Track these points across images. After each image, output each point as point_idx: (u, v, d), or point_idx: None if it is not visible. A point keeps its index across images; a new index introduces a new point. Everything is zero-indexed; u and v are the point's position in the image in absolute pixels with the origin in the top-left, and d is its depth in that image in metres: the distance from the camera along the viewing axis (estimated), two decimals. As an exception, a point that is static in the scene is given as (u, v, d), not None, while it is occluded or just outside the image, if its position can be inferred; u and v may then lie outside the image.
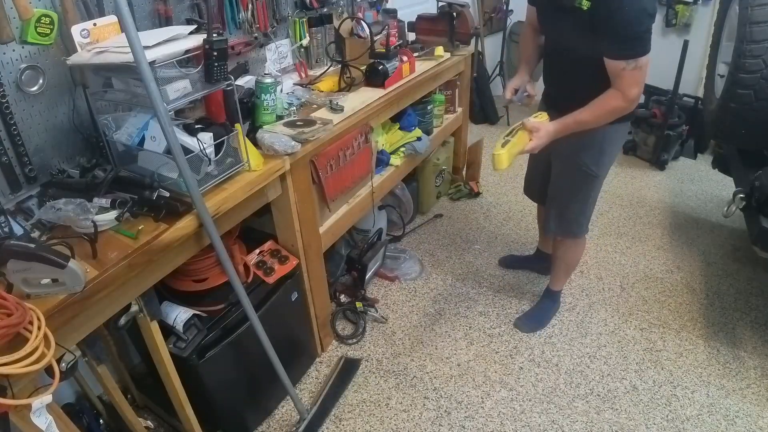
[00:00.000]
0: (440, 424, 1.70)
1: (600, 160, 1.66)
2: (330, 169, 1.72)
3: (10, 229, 1.07)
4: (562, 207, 1.81)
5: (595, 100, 1.45)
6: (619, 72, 1.37)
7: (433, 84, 2.37)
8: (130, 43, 0.96)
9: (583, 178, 1.70)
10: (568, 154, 1.69)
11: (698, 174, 3.30)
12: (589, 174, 1.68)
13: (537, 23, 1.68)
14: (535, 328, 2.06)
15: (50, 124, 1.31)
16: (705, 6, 3.34)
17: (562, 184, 1.79)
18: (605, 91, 1.43)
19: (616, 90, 1.41)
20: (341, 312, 2.15)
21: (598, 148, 1.63)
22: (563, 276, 2.07)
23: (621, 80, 1.38)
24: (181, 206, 1.19)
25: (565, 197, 1.79)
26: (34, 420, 0.89)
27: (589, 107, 1.46)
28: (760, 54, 1.75)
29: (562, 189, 1.80)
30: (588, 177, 1.69)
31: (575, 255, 1.98)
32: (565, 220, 1.82)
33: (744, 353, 1.93)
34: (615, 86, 1.41)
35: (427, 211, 2.90)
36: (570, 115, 1.48)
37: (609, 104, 1.43)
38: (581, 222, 1.82)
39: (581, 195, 1.76)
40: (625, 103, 1.42)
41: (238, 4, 1.77)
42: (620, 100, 1.41)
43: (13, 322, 0.84)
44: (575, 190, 1.75)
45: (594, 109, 1.45)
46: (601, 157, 1.65)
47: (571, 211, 1.80)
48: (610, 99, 1.43)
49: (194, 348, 1.37)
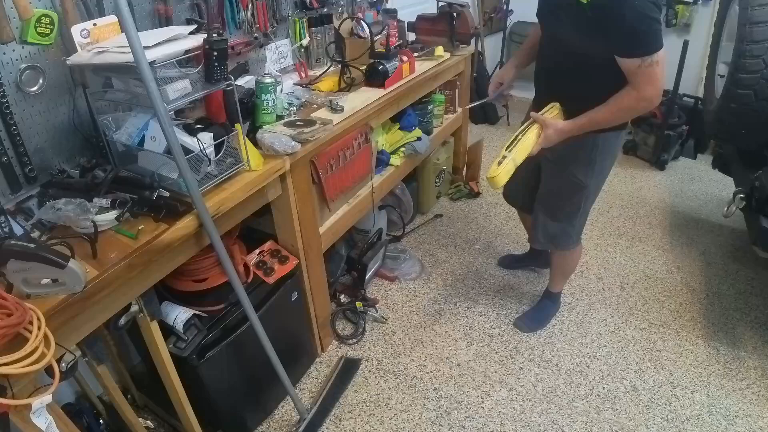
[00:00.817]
0: (440, 424, 1.70)
1: (589, 170, 1.59)
2: (330, 169, 1.72)
3: (10, 229, 1.07)
4: (549, 218, 1.74)
5: (611, 99, 1.38)
6: (634, 70, 1.30)
7: (433, 84, 2.37)
8: (130, 43, 0.96)
9: (571, 189, 1.64)
10: (556, 162, 1.63)
11: (698, 174, 3.30)
12: (577, 184, 1.61)
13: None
14: (536, 328, 2.05)
15: (50, 124, 1.31)
16: (705, 6, 3.34)
17: (550, 194, 1.72)
18: (621, 92, 1.37)
19: (631, 88, 1.34)
20: (341, 312, 2.15)
21: (588, 158, 1.57)
22: (561, 279, 2.06)
23: (636, 78, 1.31)
24: (181, 206, 1.19)
25: (552, 207, 1.72)
26: (34, 420, 0.89)
27: (605, 106, 1.39)
28: (760, 54, 1.76)
29: (549, 198, 1.73)
30: (576, 187, 1.63)
31: (571, 263, 1.95)
32: (552, 233, 1.76)
33: (744, 353, 1.93)
34: (631, 85, 1.34)
35: (427, 211, 2.90)
36: (584, 115, 1.42)
37: (623, 103, 1.37)
38: (570, 233, 1.75)
39: (569, 206, 1.69)
40: (642, 103, 1.35)
41: (238, 4, 1.77)
42: (635, 99, 1.35)
43: (13, 322, 0.84)
44: (563, 201, 1.69)
45: (609, 108, 1.39)
46: (590, 167, 1.59)
47: (558, 222, 1.73)
48: (625, 97, 1.36)
49: (194, 348, 1.37)
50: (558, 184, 1.67)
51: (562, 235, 1.76)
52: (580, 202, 1.68)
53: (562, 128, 1.44)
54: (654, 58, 1.27)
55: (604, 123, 1.43)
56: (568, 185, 1.64)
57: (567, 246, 1.80)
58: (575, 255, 1.92)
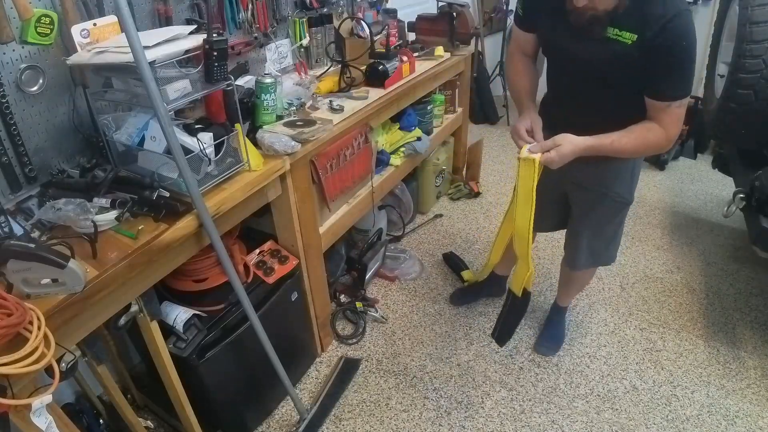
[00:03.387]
0: (440, 424, 1.70)
1: (632, 186, 1.53)
2: (330, 169, 1.72)
3: (10, 229, 1.07)
4: (594, 240, 1.66)
5: (636, 131, 1.27)
6: (663, 108, 1.23)
7: (433, 84, 2.37)
8: (130, 43, 0.96)
9: (618, 209, 1.57)
10: (597, 186, 1.52)
11: (698, 174, 3.30)
12: (623, 203, 1.55)
13: (531, 50, 1.51)
14: (559, 346, 1.98)
15: (50, 124, 1.31)
16: (705, 6, 3.34)
17: (593, 217, 1.61)
18: (646, 123, 1.27)
19: (658, 126, 1.25)
20: (341, 312, 2.15)
21: (630, 174, 1.50)
22: (574, 294, 2.01)
23: (665, 116, 1.24)
24: (181, 206, 1.19)
25: (597, 230, 1.64)
26: (34, 420, 0.89)
27: (630, 137, 1.28)
28: (760, 54, 1.75)
29: (592, 222, 1.63)
30: (622, 206, 1.56)
31: (592, 275, 1.91)
32: (596, 253, 1.70)
33: (744, 353, 1.93)
34: (657, 122, 1.26)
35: (427, 211, 2.90)
36: (607, 136, 1.28)
37: (650, 140, 1.27)
38: (612, 250, 1.71)
39: (614, 225, 1.63)
40: (665, 142, 1.28)
41: (238, 4, 1.77)
42: (663, 139, 1.26)
43: (13, 322, 0.84)
44: (608, 221, 1.62)
45: (635, 141, 1.28)
46: (633, 182, 1.52)
47: (604, 242, 1.67)
48: (653, 135, 1.26)
49: (194, 348, 1.36)
50: (602, 207, 1.57)
51: (605, 253, 1.71)
52: (624, 217, 1.63)
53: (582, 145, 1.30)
54: (686, 100, 1.22)
55: (625, 153, 1.32)
56: (613, 205, 1.56)
57: (610, 261, 1.74)
58: (594, 270, 1.86)
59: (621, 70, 1.24)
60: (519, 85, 1.52)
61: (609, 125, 1.29)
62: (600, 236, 1.65)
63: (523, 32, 1.48)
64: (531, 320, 2.11)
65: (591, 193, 1.55)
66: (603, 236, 1.65)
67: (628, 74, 1.24)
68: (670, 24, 1.12)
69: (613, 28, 1.19)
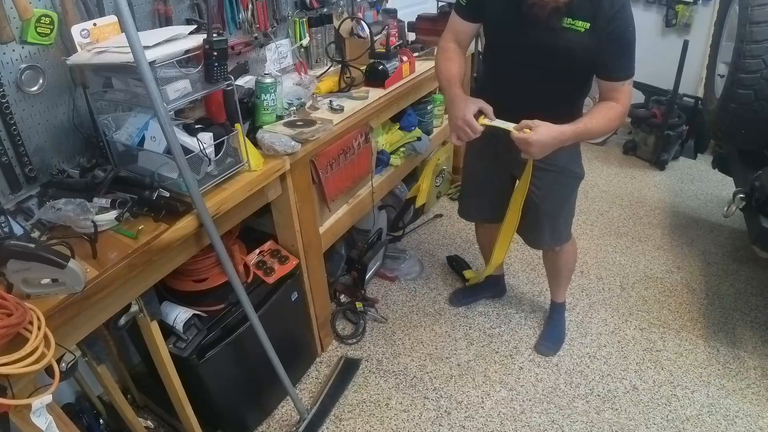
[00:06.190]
0: (440, 424, 1.70)
1: (580, 159, 1.65)
2: (330, 169, 1.72)
3: (10, 229, 1.07)
4: (555, 218, 1.74)
5: (601, 112, 1.38)
6: (618, 88, 1.37)
7: (433, 84, 2.36)
8: (130, 43, 0.96)
9: (572, 184, 1.69)
10: (554, 167, 1.59)
11: (698, 174, 3.30)
12: (575, 177, 1.67)
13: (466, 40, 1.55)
14: (560, 345, 1.99)
15: (50, 124, 1.31)
16: (705, 6, 3.34)
17: (555, 197, 1.68)
18: (604, 104, 1.39)
19: (616, 103, 1.38)
20: (341, 312, 2.15)
21: (577, 150, 1.64)
22: (565, 284, 2.02)
23: (620, 95, 1.37)
24: (181, 206, 1.19)
25: (557, 208, 1.72)
26: (34, 420, 0.89)
27: (596, 119, 1.38)
28: (760, 54, 1.75)
29: (554, 202, 1.69)
30: (576, 180, 1.68)
31: (574, 256, 1.94)
32: (558, 230, 1.77)
33: (744, 353, 1.93)
34: (614, 100, 1.38)
35: (427, 211, 2.90)
36: (580, 122, 1.36)
37: (612, 117, 1.38)
38: (569, 224, 1.80)
39: (572, 200, 1.74)
40: (623, 117, 1.41)
41: (238, 4, 1.77)
42: (622, 114, 1.40)
43: (13, 322, 0.84)
44: (568, 198, 1.73)
45: (601, 120, 1.38)
46: (580, 156, 1.65)
47: (564, 218, 1.76)
48: (613, 112, 1.38)
49: (194, 348, 1.37)
50: (562, 186, 1.68)
51: (565, 228, 1.79)
52: (576, 191, 1.73)
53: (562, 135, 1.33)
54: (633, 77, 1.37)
55: (597, 134, 1.44)
56: (569, 182, 1.68)
57: (568, 236, 1.82)
58: (575, 246, 1.90)
59: (574, 55, 1.34)
60: (451, 72, 1.51)
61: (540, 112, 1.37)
62: (560, 213, 1.74)
63: (463, 21, 1.52)
64: (531, 320, 2.11)
65: (550, 172, 1.62)
66: (562, 213, 1.74)
67: (580, 59, 1.35)
68: (618, 14, 1.27)
69: (567, 18, 1.30)
